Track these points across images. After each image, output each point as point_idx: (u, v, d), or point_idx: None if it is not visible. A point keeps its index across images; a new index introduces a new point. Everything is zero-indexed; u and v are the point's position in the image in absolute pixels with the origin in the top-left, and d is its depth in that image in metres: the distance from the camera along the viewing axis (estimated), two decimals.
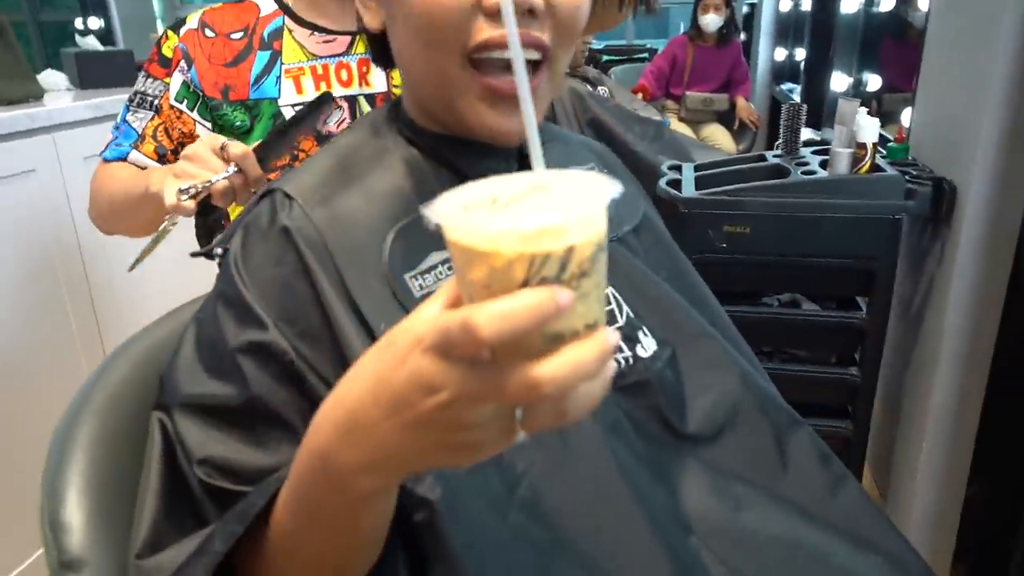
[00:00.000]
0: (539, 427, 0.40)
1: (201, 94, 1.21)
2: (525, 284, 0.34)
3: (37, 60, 3.99)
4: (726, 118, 4.03)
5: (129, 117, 1.25)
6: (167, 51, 1.26)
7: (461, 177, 0.72)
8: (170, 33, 1.28)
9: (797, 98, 3.36)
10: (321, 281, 0.63)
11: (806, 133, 2.09)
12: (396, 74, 1.29)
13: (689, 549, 0.69)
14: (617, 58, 4.52)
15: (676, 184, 1.65)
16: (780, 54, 4.12)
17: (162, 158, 1.23)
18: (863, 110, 1.57)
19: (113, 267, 2.01)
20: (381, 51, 0.77)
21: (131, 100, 1.26)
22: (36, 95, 1.91)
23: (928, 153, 1.66)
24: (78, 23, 4.77)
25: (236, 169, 0.96)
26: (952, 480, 1.53)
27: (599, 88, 2.28)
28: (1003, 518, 1.31)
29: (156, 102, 1.24)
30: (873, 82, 2.63)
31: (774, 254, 1.64)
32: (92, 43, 2.51)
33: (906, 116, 1.93)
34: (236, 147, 0.98)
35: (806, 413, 1.69)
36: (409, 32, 0.68)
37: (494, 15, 0.63)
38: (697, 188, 1.63)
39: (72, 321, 1.90)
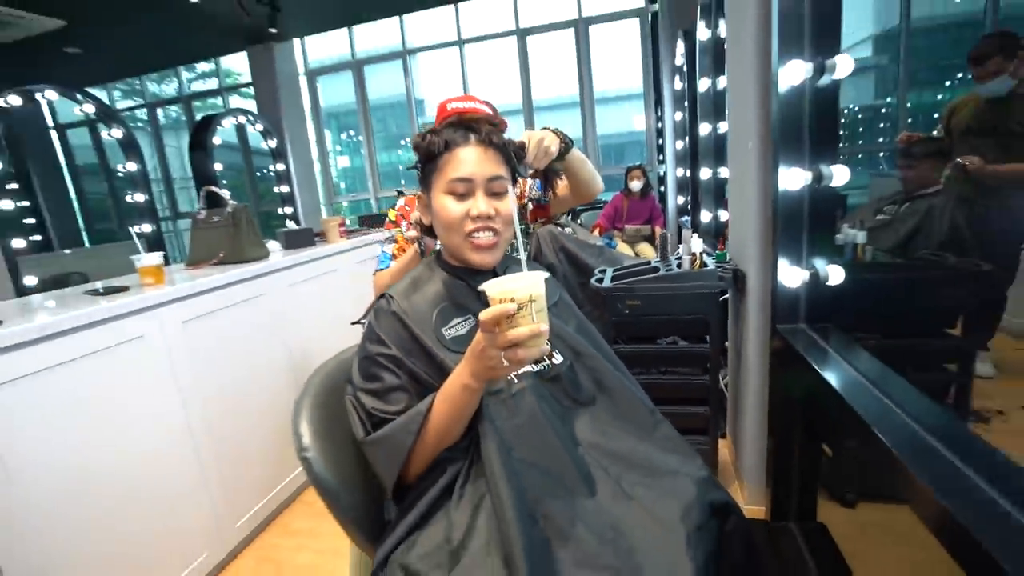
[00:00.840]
0: (511, 360, 0.63)
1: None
2: (506, 314, 0.60)
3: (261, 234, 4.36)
4: (651, 239, 4.14)
5: (384, 248, 1.43)
6: (392, 216, 1.48)
7: (467, 284, 0.88)
8: (391, 211, 1.49)
9: (690, 225, 3.46)
10: (412, 329, 0.80)
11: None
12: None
13: (580, 455, 0.79)
14: (585, 207, 4.76)
15: (601, 280, 1.78)
16: (680, 199, 4.30)
17: None
18: (695, 235, 1.72)
19: (304, 338, 2.11)
20: (431, 230, 0.94)
21: (383, 243, 1.46)
22: (266, 255, 2.06)
23: (735, 254, 1.75)
24: (279, 210, 5.18)
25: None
26: (761, 435, 1.57)
27: (566, 228, 2.53)
28: (783, 452, 1.34)
29: (394, 238, 1.43)
30: (725, 215, 2.77)
31: (655, 315, 1.72)
32: (291, 225, 2.81)
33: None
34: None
35: (684, 403, 1.83)
36: (440, 225, 0.87)
37: (475, 219, 0.82)
38: (613, 281, 1.75)
39: (287, 370, 2.00)
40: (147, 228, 3.98)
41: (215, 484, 1.67)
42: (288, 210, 5.13)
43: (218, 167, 4.70)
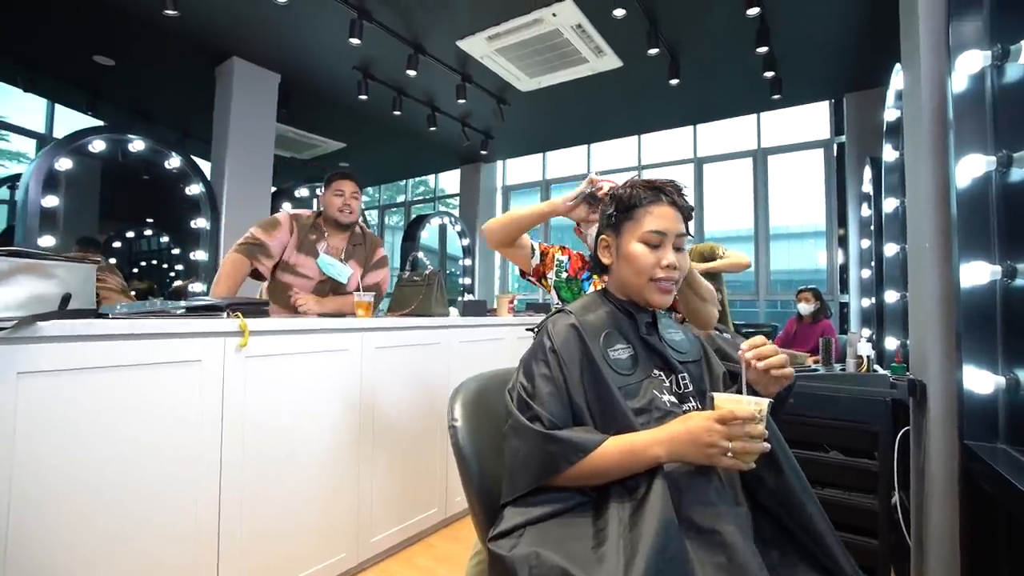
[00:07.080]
0: (739, 452, 0.67)
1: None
2: (754, 417, 0.67)
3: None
4: None
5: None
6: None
7: (631, 318, 0.92)
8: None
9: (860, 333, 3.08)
10: (583, 340, 0.85)
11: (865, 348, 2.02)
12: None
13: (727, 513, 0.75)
14: (752, 331, 4.51)
15: None
16: (867, 332, 3.86)
17: None
18: (863, 341, 1.63)
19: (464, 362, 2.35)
20: (605, 268, 0.98)
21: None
22: (447, 314, 2.30)
23: (914, 369, 1.54)
24: (460, 282, 5.81)
25: None
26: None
27: (724, 333, 2.49)
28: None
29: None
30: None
31: (812, 416, 1.57)
32: (469, 297, 3.18)
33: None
34: None
35: (845, 530, 1.58)
36: (629, 267, 0.91)
37: (665, 268, 0.88)
38: None
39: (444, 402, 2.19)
40: None
41: (365, 486, 1.86)
42: (467, 281, 5.81)
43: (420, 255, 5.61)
